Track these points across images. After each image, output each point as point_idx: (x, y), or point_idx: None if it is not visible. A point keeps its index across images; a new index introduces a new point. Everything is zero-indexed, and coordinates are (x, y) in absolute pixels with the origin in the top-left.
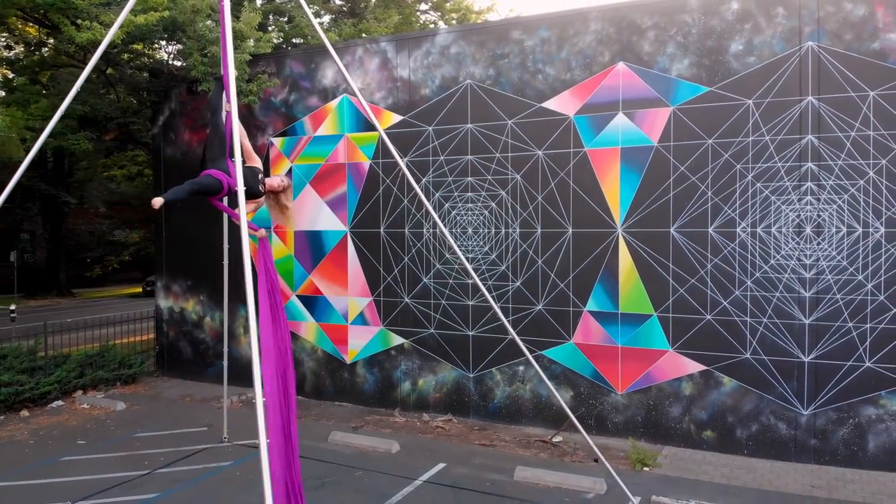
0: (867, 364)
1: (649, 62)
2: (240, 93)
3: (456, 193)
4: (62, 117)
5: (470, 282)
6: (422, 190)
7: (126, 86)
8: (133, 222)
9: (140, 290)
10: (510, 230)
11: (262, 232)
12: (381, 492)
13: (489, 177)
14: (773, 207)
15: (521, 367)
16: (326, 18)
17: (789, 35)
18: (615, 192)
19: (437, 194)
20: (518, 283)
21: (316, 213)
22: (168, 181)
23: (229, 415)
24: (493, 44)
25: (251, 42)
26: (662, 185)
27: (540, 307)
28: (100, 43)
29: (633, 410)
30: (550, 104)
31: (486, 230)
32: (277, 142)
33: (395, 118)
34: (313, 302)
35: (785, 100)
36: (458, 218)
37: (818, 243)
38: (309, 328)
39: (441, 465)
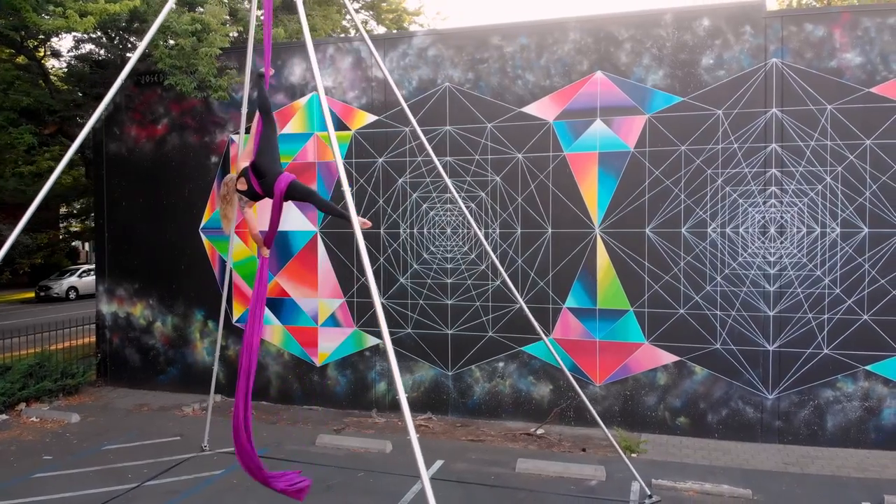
0: (825, 351)
1: (626, 72)
2: (208, 87)
3: (434, 194)
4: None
5: (449, 281)
6: (398, 190)
7: (72, 77)
8: (45, 222)
9: (33, 294)
10: (490, 230)
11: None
12: (390, 491)
13: (468, 178)
14: (741, 209)
15: (501, 364)
16: (260, 13)
17: (756, 51)
18: (593, 194)
19: (414, 195)
20: (498, 282)
21: (282, 214)
22: (112, 179)
23: (196, 423)
24: (472, 48)
25: (217, 36)
26: (638, 188)
27: (521, 304)
28: (72, 30)
29: (610, 401)
30: (530, 109)
31: (466, 230)
32: (239, 139)
33: (370, 118)
34: (279, 304)
35: (751, 111)
36: (436, 218)
37: (781, 242)
38: (274, 331)
39: (440, 462)
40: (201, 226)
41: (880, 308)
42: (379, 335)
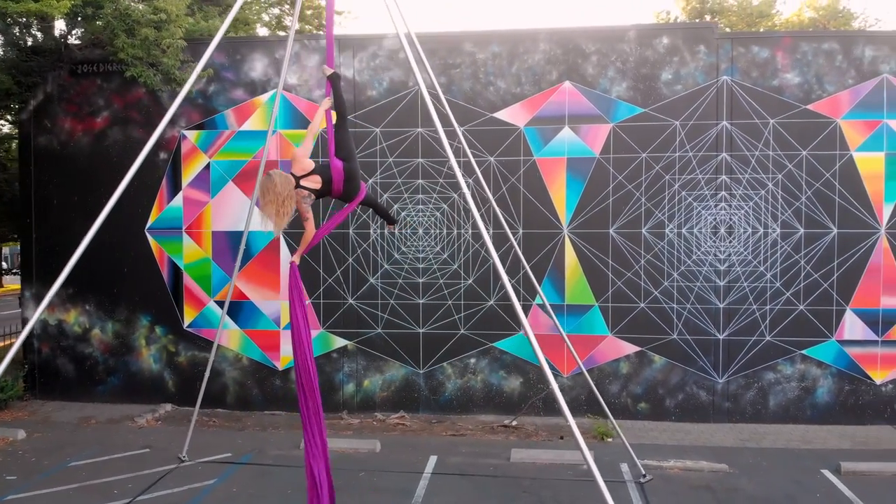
0: (767, 338)
1: (592, 83)
2: (172, 80)
3: (406, 195)
4: None
5: (421, 280)
6: (368, 190)
7: (3, 63)
8: None
9: None
10: (462, 231)
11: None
12: (400, 488)
13: (441, 180)
14: (695, 212)
15: (473, 360)
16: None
17: (709, 69)
18: (562, 197)
19: (385, 195)
20: (470, 281)
21: (240, 213)
22: (42, 175)
23: (156, 434)
24: (444, 53)
25: (178, 27)
26: (603, 192)
27: (491, 302)
28: (48, 16)
29: (577, 391)
30: (502, 115)
31: (438, 231)
32: (192, 135)
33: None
34: (236, 307)
35: (705, 122)
36: (408, 219)
37: (730, 241)
38: (231, 336)
39: (434, 458)
40: (148, 226)
41: (814, 299)
42: (348, 336)
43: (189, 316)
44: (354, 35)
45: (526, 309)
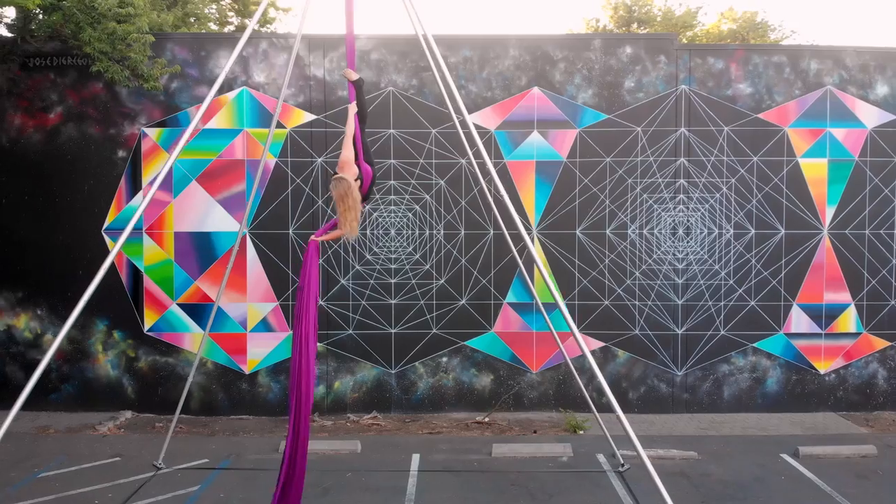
0: (722, 332)
1: (560, 89)
2: (140, 76)
3: (378, 196)
4: None
5: (393, 281)
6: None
7: None
8: None
9: None
10: (434, 232)
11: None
12: (391, 487)
13: (413, 181)
14: (655, 214)
15: (445, 358)
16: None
17: (668, 78)
18: (531, 198)
19: None
20: (442, 281)
21: (204, 213)
22: None
23: (123, 442)
24: (416, 55)
25: (144, 20)
26: (570, 194)
27: (463, 301)
28: (24, 7)
29: (545, 386)
30: (473, 118)
31: (410, 231)
32: (153, 132)
33: (308, 116)
34: (200, 310)
35: (664, 129)
36: (380, 220)
37: (688, 242)
38: (195, 339)
39: (416, 456)
40: (105, 226)
41: (764, 295)
42: (318, 338)
43: (150, 320)
44: (325, 35)
45: (496, 308)
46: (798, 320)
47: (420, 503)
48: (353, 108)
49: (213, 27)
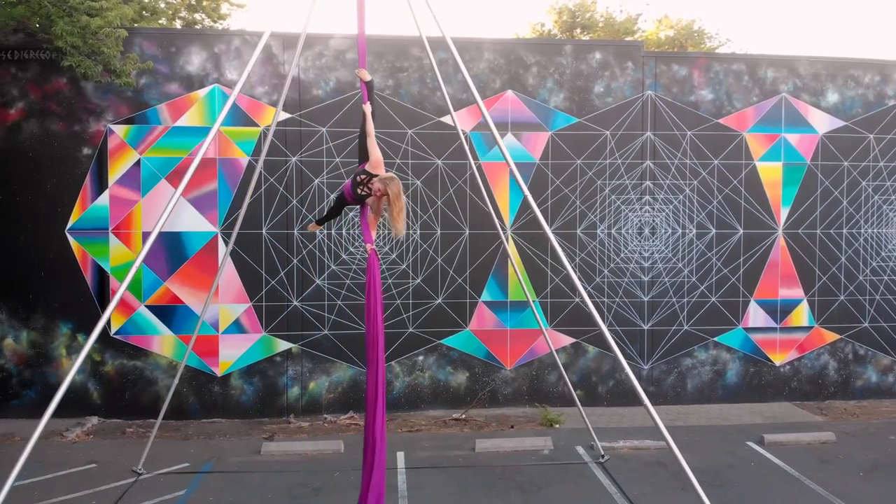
0: (685, 328)
1: (533, 93)
2: (112, 72)
3: None
4: None
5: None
6: (314, 190)
7: None
8: None
9: None
10: (410, 231)
11: (370, 246)
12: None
13: None
14: (623, 214)
15: (421, 357)
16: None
17: (636, 84)
18: (505, 199)
19: (331, 196)
20: (419, 280)
21: (174, 213)
22: None
23: (93, 448)
24: (392, 56)
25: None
26: (542, 195)
27: (439, 301)
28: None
29: (519, 382)
30: (448, 119)
31: (386, 231)
32: (120, 129)
33: (282, 115)
34: (170, 312)
35: (631, 133)
36: (355, 220)
37: (653, 241)
38: (164, 342)
39: (401, 454)
40: (69, 226)
41: (724, 292)
42: (292, 339)
43: (117, 322)
44: (299, 33)
45: (472, 306)
46: (755, 315)
47: (414, 499)
48: (368, 108)
49: (162, 22)
